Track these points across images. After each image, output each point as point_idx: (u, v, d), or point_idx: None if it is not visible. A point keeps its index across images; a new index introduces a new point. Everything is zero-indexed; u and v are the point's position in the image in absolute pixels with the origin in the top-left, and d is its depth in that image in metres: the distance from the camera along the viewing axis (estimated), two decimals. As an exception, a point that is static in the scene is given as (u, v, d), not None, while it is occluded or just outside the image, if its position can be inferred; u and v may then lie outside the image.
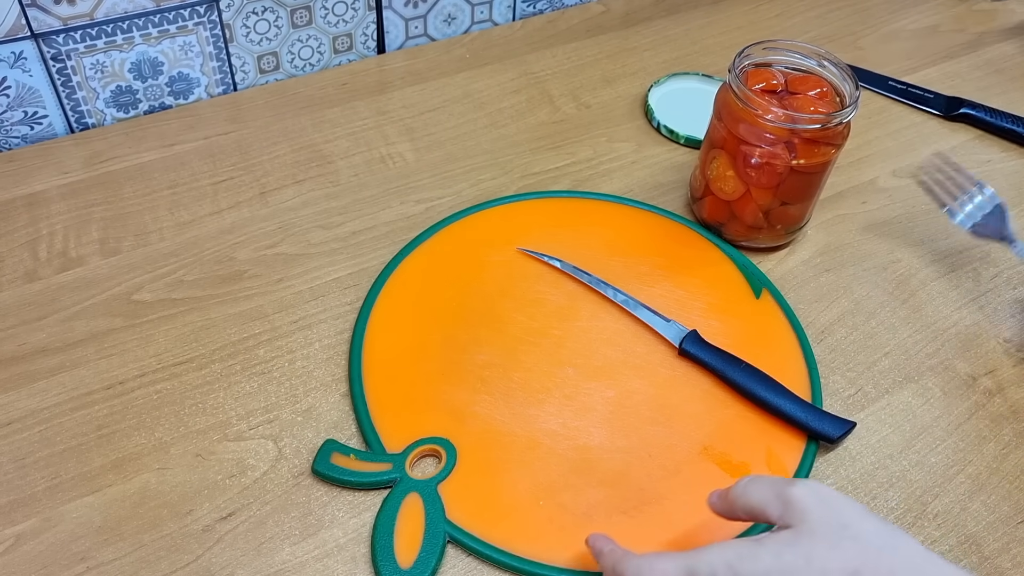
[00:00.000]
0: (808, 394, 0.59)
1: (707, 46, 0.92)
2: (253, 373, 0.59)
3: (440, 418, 0.57)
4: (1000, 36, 0.96)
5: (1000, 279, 0.69)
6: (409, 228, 0.70)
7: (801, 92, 0.65)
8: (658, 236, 0.70)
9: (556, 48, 0.90)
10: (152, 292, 0.64)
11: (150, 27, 0.75)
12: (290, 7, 0.80)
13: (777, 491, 0.43)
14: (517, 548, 0.51)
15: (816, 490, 0.42)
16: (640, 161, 0.78)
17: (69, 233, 0.68)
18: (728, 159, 0.66)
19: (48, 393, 0.57)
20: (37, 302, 0.63)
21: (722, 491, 0.46)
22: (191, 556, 0.50)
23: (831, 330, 0.65)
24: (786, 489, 0.42)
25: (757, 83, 0.65)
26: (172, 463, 0.54)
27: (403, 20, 0.87)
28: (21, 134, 0.75)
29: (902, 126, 0.84)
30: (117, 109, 0.78)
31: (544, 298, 0.64)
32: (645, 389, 0.59)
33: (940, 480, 0.56)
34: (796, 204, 0.67)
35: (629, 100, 0.84)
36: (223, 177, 0.73)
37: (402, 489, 0.52)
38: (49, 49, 0.72)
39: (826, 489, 0.42)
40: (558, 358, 0.60)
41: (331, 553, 0.51)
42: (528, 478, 0.54)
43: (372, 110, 0.81)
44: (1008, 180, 0.78)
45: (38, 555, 0.49)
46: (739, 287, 0.66)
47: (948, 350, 0.64)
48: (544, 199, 0.72)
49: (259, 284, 0.65)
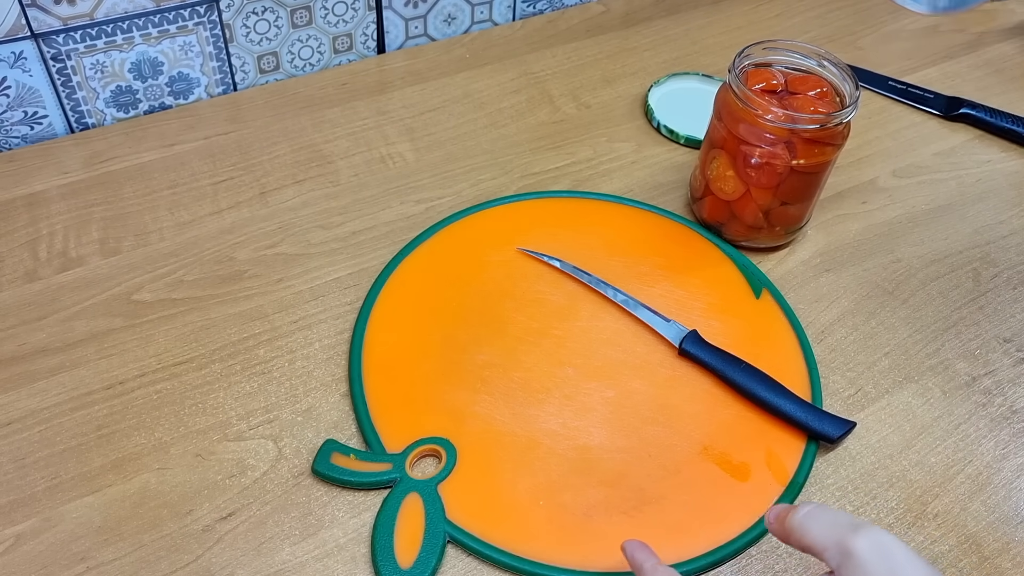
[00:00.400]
0: (808, 394, 0.59)
1: (707, 46, 0.92)
2: (253, 373, 0.59)
3: (440, 418, 0.57)
4: (1000, 36, 0.96)
5: (1000, 279, 0.69)
6: (409, 228, 0.70)
7: (801, 92, 0.65)
8: (658, 236, 0.70)
9: (556, 48, 0.90)
10: (152, 292, 0.64)
11: (150, 27, 0.75)
12: (290, 7, 0.80)
13: (838, 538, 0.39)
14: (517, 548, 0.51)
15: (881, 546, 0.38)
16: (640, 161, 0.78)
17: (69, 233, 0.68)
18: (728, 159, 0.66)
19: (48, 393, 0.57)
20: (37, 302, 0.63)
21: (781, 512, 0.43)
22: (191, 556, 0.50)
23: (831, 330, 0.65)
24: (848, 539, 0.38)
25: (757, 83, 0.65)
26: (172, 463, 0.54)
27: (403, 20, 0.87)
28: (21, 134, 0.75)
29: (902, 126, 0.84)
30: (117, 109, 0.78)
31: (544, 298, 0.64)
32: (645, 389, 0.59)
33: (940, 480, 0.56)
34: (796, 204, 0.67)
35: (629, 100, 0.84)
36: (223, 177, 0.73)
37: (402, 489, 0.52)
38: (49, 49, 0.72)
39: (893, 544, 0.38)
40: (558, 358, 0.60)
41: (331, 553, 0.51)
42: (528, 478, 0.54)
43: (372, 110, 0.81)
44: (1008, 180, 0.78)
45: (38, 555, 0.49)
46: (739, 287, 0.66)
47: (948, 350, 0.64)
48: (544, 199, 0.72)
49: (259, 284, 0.65)
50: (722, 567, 0.51)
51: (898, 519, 0.54)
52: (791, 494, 0.54)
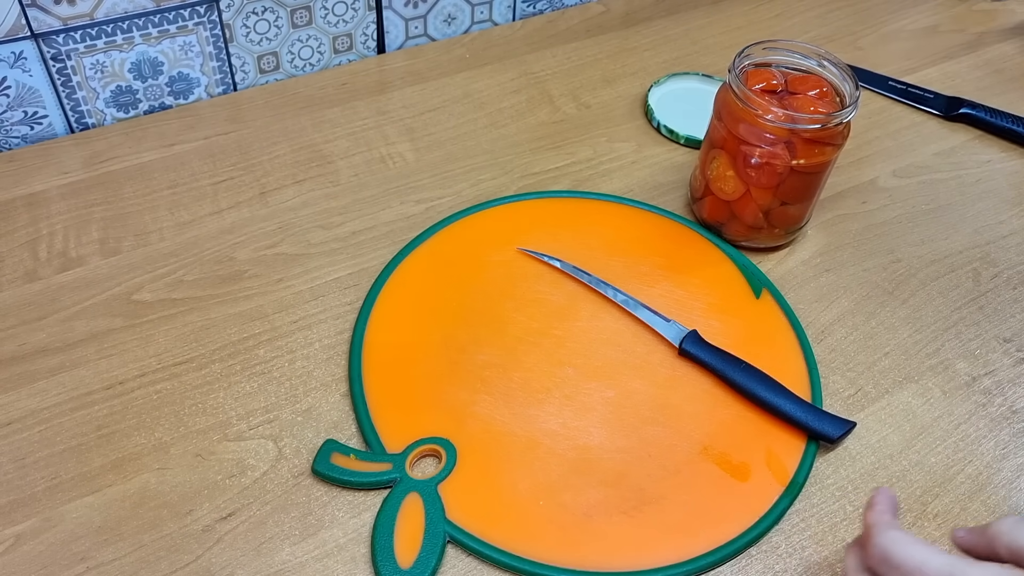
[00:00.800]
0: (808, 394, 0.59)
1: (707, 46, 0.92)
2: (253, 373, 0.59)
3: (440, 418, 0.57)
4: (1000, 36, 0.96)
5: (1000, 279, 0.69)
6: (409, 228, 0.70)
7: (801, 92, 0.65)
8: (658, 236, 0.70)
9: (556, 48, 0.90)
10: (152, 292, 0.64)
11: (150, 27, 0.75)
12: (290, 7, 0.80)
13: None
14: (517, 548, 0.51)
15: None
16: (640, 161, 0.78)
17: (69, 233, 0.68)
18: (728, 159, 0.66)
19: (48, 393, 0.57)
20: (37, 302, 0.63)
21: (976, 527, 0.42)
22: (191, 556, 0.50)
23: (831, 330, 0.65)
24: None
25: (757, 83, 0.65)
26: (172, 463, 0.54)
27: (403, 20, 0.87)
28: (21, 134, 0.75)
29: (902, 126, 0.84)
30: (117, 109, 0.78)
31: (544, 298, 0.64)
32: (645, 389, 0.59)
33: (940, 480, 0.56)
34: (796, 204, 0.67)
35: (629, 100, 0.84)
36: (223, 177, 0.73)
37: (402, 489, 0.52)
38: (49, 49, 0.72)
39: None
40: (558, 358, 0.60)
41: (331, 553, 0.51)
42: (528, 478, 0.54)
43: (372, 110, 0.81)
44: (1008, 180, 0.78)
45: (38, 555, 0.49)
46: (739, 287, 0.66)
47: (948, 350, 0.64)
48: (544, 199, 0.72)
49: (259, 284, 0.65)
50: (722, 567, 0.51)
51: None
52: (791, 494, 0.54)
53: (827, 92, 0.65)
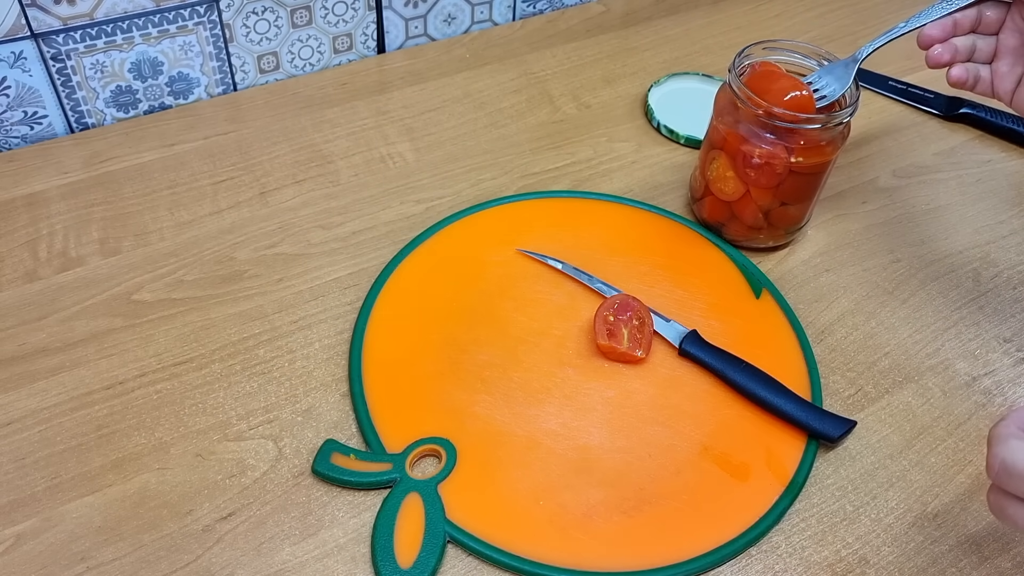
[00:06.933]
0: (808, 394, 0.59)
1: (707, 46, 0.92)
2: (253, 373, 0.59)
3: (440, 418, 0.57)
4: (1000, 36, 0.96)
5: (1000, 279, 0.69)
6: (409, 228, 0.70)
7: (801, 92, 0.65)
8: (658, 236, 0.70)
9: (556, 48, 0.90)
10: (152, 292, 0.64)
11: (150, 27, 0.75)
12: (290, 7, 0.80)
13: None
14: (517, 548, 0.51)
15: None
16: (640, 161, 0.78)
17: (69, 233, 0.68)
18: (728, 159, 0.66)
19: (48, 393, 0.57)
20: (37, 302, 0.63)
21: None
22: (191, 556, 0.50)
23: (831, 330, 0.65)
24: None
25: (778, 85, 0.65)
26: (172, 463, 0.54)
27: (403, 20, 0.87)
28: (21, 134, 0.75)
29: (902, 126, 0.84)
30: (117, 109, 0.78)
31: (544, 298, 0.64)
32: (645, 389, 0.59)
33: (940, 480, 0.56)
34: (796, 204, 0.67)
35: (629, 100, 0.84)
36: (223, 177, 0.73)
37: (402, 489, 0.52)
38: (49, 49, 0.72)
39: None
40: (558, 358, 0.60)
41: (331, 553, 0.51)
42: (528, 478, 0.54)
43: (372, 110, 0.81)
44: (1008, 180, 0.78)
45: (38, 555, 0.49)
46: (739, 287, 0.66)
47: (948, 350, 0.64)
48: (544, 199, 0.72)
49: (259, 284, 0.65)
50: (722, 567, 0.51)
51: (898, 519, 0.54)
52: (791, 494, 0.54)
53: (827, 92, 0.65)
